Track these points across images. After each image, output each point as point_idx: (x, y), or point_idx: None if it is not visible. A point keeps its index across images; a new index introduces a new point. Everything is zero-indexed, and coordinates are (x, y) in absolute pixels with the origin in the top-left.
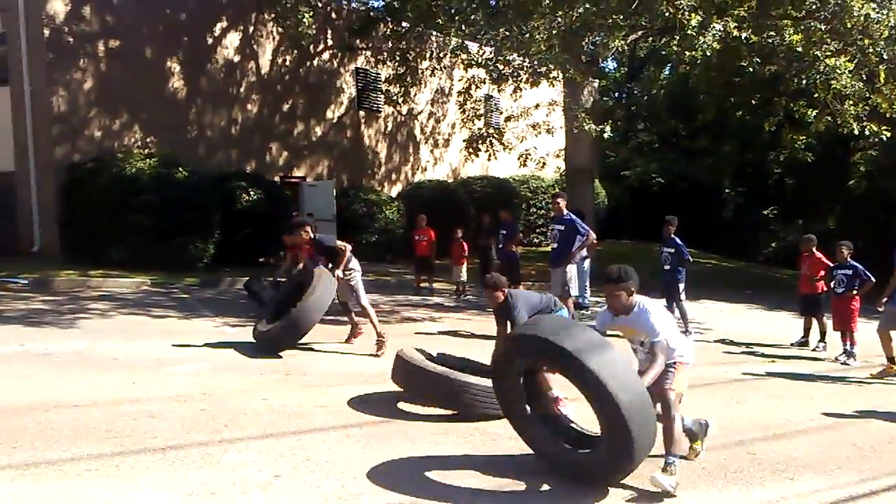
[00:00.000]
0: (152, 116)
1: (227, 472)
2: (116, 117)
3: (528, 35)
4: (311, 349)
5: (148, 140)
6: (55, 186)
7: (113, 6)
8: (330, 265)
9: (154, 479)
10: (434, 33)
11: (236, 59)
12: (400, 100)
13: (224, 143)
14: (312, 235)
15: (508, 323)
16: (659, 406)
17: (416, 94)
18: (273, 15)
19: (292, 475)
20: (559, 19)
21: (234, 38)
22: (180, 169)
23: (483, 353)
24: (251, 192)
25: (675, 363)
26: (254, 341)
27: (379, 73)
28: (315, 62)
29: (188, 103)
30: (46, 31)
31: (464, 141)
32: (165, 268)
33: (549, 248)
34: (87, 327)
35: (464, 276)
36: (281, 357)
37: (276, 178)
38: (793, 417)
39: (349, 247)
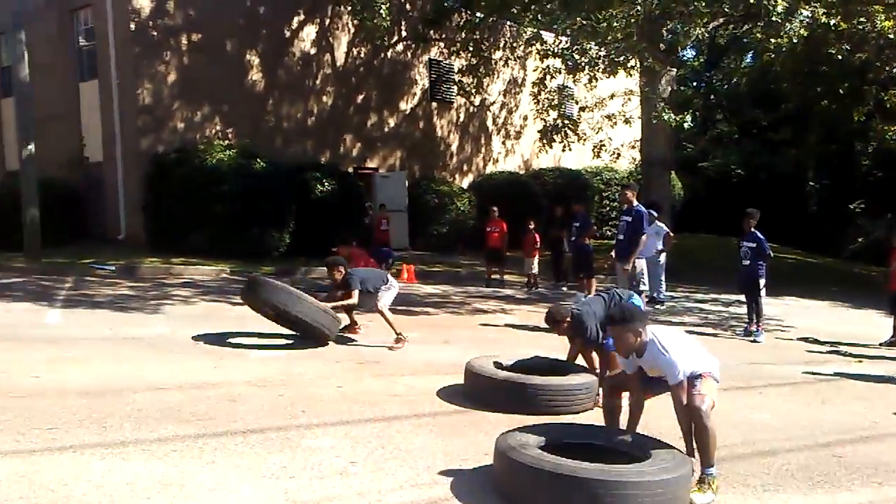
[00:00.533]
0: (232, 108)
1: (304, 457)
2: (198, 109)
3: (605, 23)
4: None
5: (228, 131)
6: (140, 176)
7: (195, 1)
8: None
9: (235, 461)
10: (508, 23)
11: (312, 51)
12: (473, 91)
13: (300, 135)
14: (344, 273)
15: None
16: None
17: (488, 84)
18: (349, 7)
19: (367, 462)
20: (638, 7)
21: (310, 31)
22: (258, 160)
23: (552, 346)
24: (325, 183)
25: (700, 375)
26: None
27: (452, 64)
28: (389, 54)
29: (266, 95)
30: (132, 26)
31: (538, 132)
32: (243, 256)
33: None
34: (171, 313)
35: (535, 269)
36: (355, 346)
37: (350, 169)
38: (881, 420)
39: (354, 300)
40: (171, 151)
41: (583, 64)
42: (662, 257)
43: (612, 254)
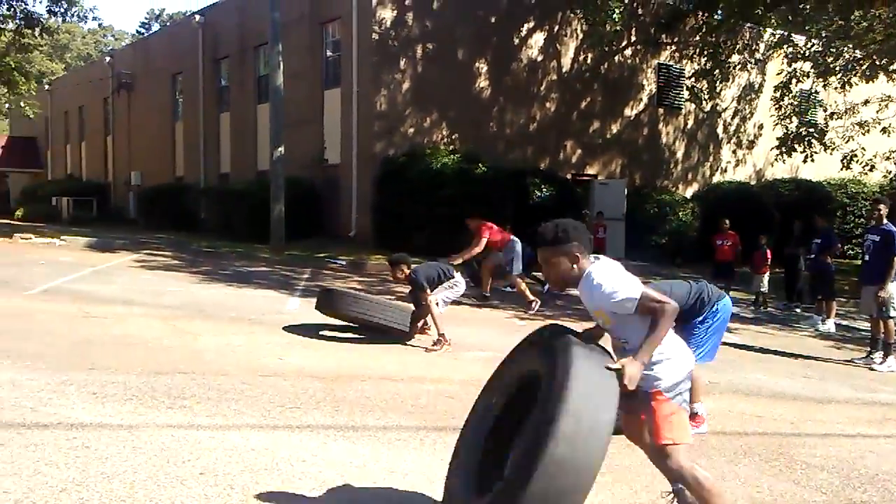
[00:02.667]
0: (459, 114)
1: None
2: (427, 115)
3: (864, 24)
4: None
5: (453, 136)
6: (371, 178)
7: (432, 12)
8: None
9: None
10: (747, 25)
11: (539, 57)
12: (705, 96)
13: (521, 140)
14: (408, 272)
15: None
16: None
17: (722, 89)
18: (580, 13)
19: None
20: None
21: (539, 38)
22: (480, 164)
23: (780, 370)
24: (543, 189)
25: (650, 393)
26: None
27: (682, 69)
28: (616, 59)
29: (492, 102)
30: (375, 38)
31: (777, 139)
32: None
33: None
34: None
35: (765, 287)
36: None
37: (568, 176)
38: None
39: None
40: (401, 155)
41: (837, 68)
42: None
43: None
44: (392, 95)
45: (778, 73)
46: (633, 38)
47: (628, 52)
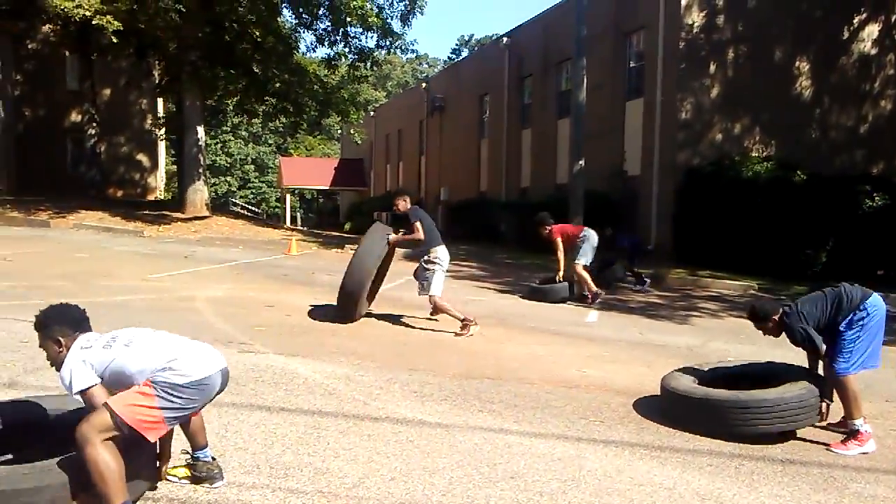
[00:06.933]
0: (774, 119)
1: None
2: (738, 121)
3: None
4: None
5: (767, 143)
6: (673, 189)
7: (746, 11)
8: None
9: (776, 490)
10: None
11: (872, 52)
12: None
13: (848, 144)
14: (401, 209)
15: None
16: None
17: None
18: None
19: None
20: None
21: (872, 30)
22: (798, 172)
23: None
24: (876, 198)
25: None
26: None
27: None
28: None
29: (814, 103)
30: (682, 44)
31: None
32: (772, 273)
33: None
34: (699, 325)
35: None
36: None
37: None
38: None
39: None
40: (706, 164)
41: None
42: None
43: None
44: (699, 102)
45: None
46: None
47: None
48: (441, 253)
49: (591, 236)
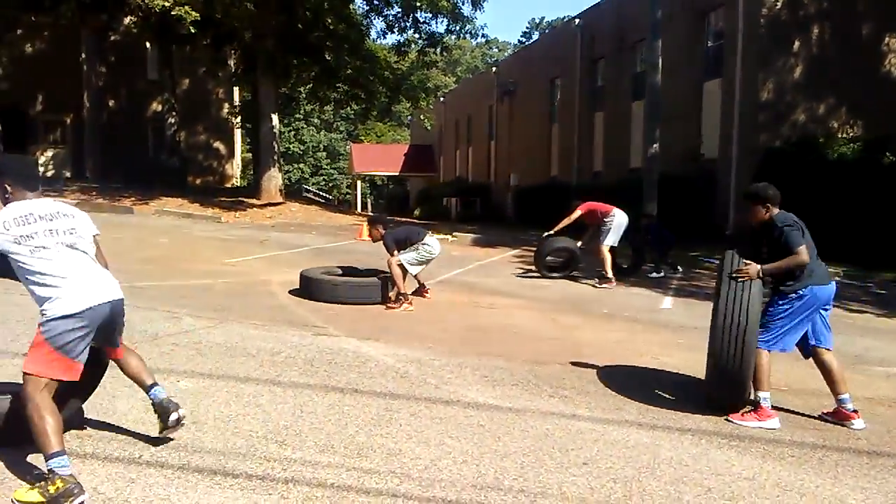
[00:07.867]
0: (862, 98)
1: None
2: (822, 101)
3: None
4: None
5: (854, 123)
6: (752, 172)
7: None
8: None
9: (861, 482)
10: None
11: None
12: None
13: None
14: (382, 234)
15: None
16: None
17: None
18: None
19: None
20: None
21: None
22: (887, 154)
23: None
24: None
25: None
26: None
27: None
28: None
29: None
30: (762, 21)
31: None
32: (859, 259)
33: None
34: None
35: None
36: None
37: None
38: None
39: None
40: (789, 146)
41: None
42: None
43: None
44: (780, 82)
45: None
46: None
47: None
48: (431, 241)
49: (620, 218)
